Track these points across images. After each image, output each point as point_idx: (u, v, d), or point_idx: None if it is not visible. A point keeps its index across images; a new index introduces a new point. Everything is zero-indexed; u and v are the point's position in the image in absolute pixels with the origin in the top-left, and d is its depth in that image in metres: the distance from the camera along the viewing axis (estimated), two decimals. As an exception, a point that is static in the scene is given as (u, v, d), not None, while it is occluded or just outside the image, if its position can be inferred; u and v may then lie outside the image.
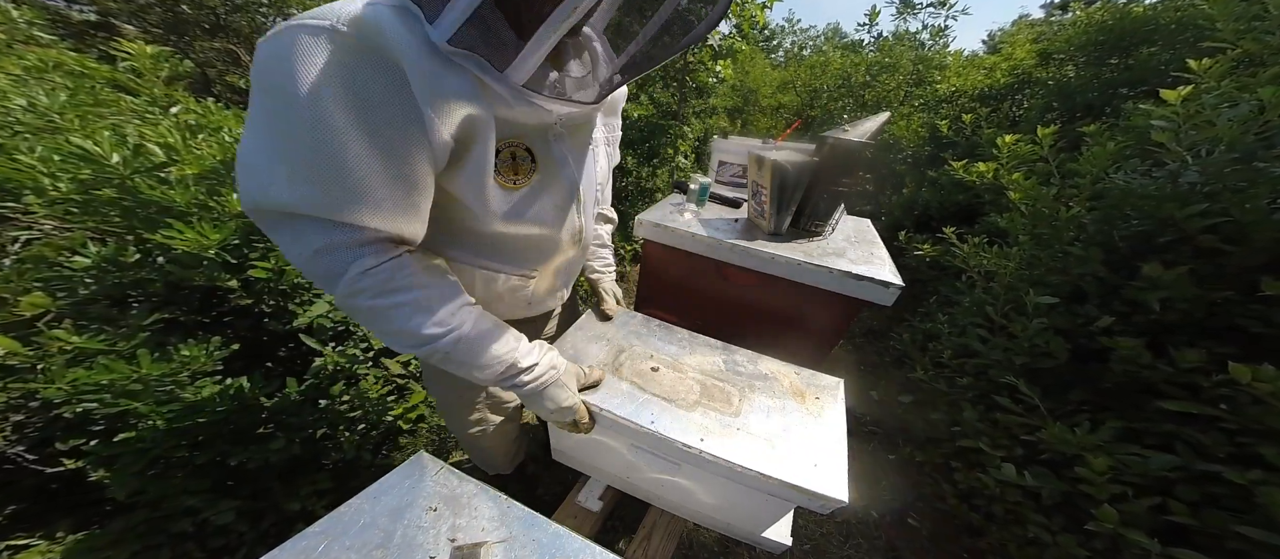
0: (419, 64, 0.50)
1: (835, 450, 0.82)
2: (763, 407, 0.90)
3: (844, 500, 0.73)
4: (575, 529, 0.64)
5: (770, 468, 0.76)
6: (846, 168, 1.25)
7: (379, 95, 0.49)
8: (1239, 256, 1.02)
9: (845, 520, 1.62)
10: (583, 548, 0.61)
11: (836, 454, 0.81)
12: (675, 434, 0.80)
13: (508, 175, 0.68)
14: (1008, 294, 1.52)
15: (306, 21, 0.46)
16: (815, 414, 0.91)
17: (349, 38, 0.46)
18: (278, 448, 1.18)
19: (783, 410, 0.90)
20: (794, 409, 0.91)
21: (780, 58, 9.11)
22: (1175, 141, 1.15)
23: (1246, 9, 1.36)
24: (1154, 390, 1.05)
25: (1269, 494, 0.81)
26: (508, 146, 0.66)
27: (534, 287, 0.89)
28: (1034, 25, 5.76)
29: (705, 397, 0.90)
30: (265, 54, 0.47)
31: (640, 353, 1.01)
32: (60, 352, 1.05)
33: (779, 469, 0.76)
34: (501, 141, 0.65)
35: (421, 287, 0.62)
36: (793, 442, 0.82)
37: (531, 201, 0.72)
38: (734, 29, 3.13)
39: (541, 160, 0.71)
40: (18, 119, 1.33)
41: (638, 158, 3.54)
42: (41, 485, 1.13)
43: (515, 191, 0.70)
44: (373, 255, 0.57)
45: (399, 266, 0.59)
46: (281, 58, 0.46)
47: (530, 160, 0.69)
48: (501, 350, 0.70)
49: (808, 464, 0.78)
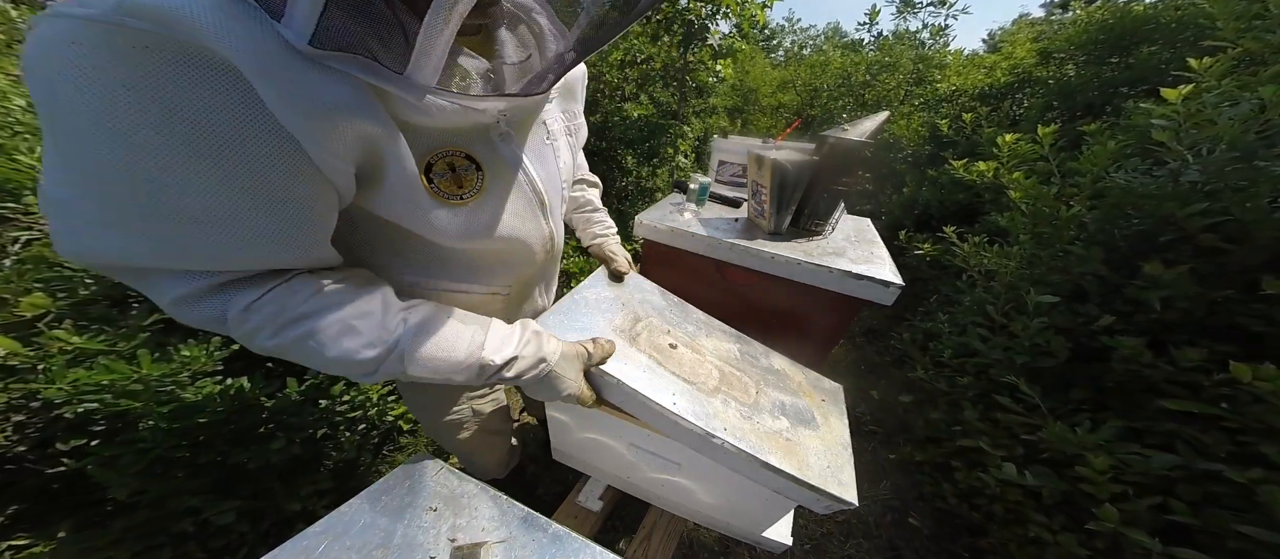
0: (269, 70, 0.36)
1: (843, 453, 0.84)
2: (777, 402, 0.89)
3: (854, 503, 0.74)
4: (575, 529, 0.64)
5: (789, 466, 0.75)
6: (846, 167, 1.25)
7: (207, 111, 0.36)
8: (1240, 255, 1.02)
9: (845, 520, 1.62)
10: (583, 548, 0.61)
11: (845, 457, 0.83)
12: (699, 420, 0.75)
13: (450, 191, 0.56)
14: (1008, 293, 1.52)
15: (79, 11, 0.32)
16: (823, 416, 0.91)
17: (149, 36, 0.33)
18: (278, 448, 1.18)
19: (795, 409, 0.90)
20: (804, 409, 0.91)
21: (780, 57, 9.11)
22: (1176, 140, 1.15)
23: (1247, 8, 1.36)
24: (1155, 389, 1.05)
25: (1270, 493, 0.81)
26: (442, 158, 0.54)
27: (507, 304, 0.81)
28: (1034, 24, 5.75)
29: (724, 384, 0.87)
30: (34, 56, 0.34)
31: (658, 327, 0.95)
32: (61, 352, 1.05)
33: (797, 467, 0.75)
34: (433, 154, 0.53)
35: (333, 306, 0.50)
36: (805, 440, 0.83)
37: (487, 215, 0.62)
38: (734, 28, 3.13)
39: (489, 167, 0.59)
40: (18, 119, 1.33)
41: (638, 158, 3.54)
42: (42, 485, 1.13)
43: (464, 207, 0.58)
44: (250, 289, 0.47)
45: (290, 291, 0.49)
46: (56, 63, 0.33)
47: (475, 169, 0.57)
48: (463, 352, 0.59)
49: (821, 465, 0.78)
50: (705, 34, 2.99)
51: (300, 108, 0.38)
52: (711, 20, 2.96)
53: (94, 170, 0.37)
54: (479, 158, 0.57)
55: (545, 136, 0.70)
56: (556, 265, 0.95)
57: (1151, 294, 1.08)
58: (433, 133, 0.52)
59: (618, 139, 3.46)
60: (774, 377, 0.97)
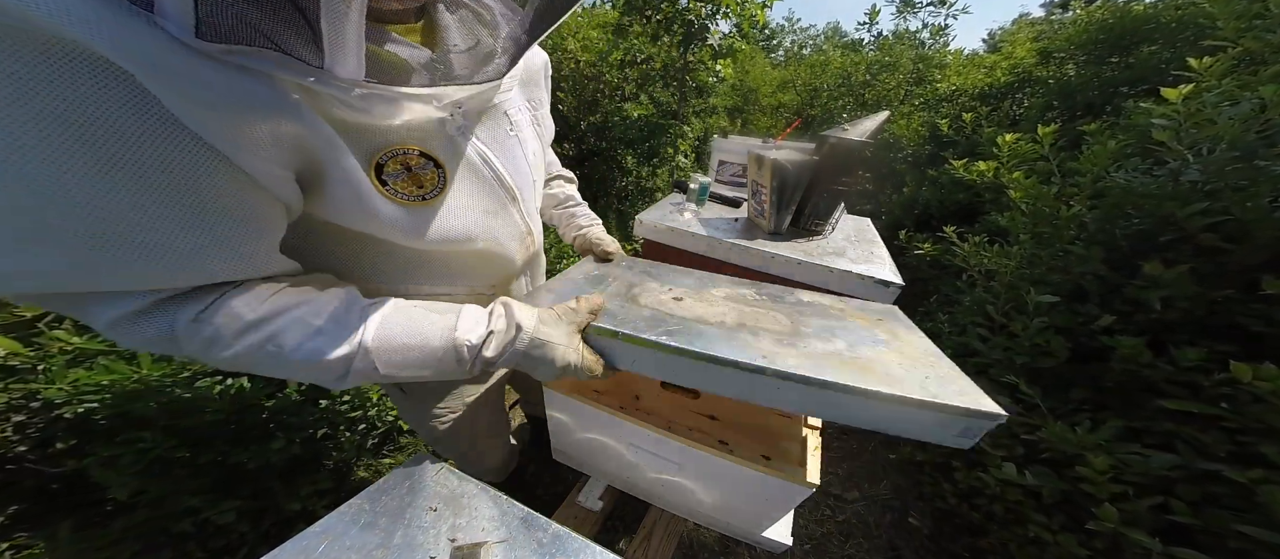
0: (158, 66, 0.31)
1: (941, 362, 0.63)
2: (821, 328, 0.70)
3: (1001, 414, 0.50)
4: (575, 529, 0.64)
5: (876, 383, 0.53)
6: (846, 167, 1.25)
7: (92, 112, 0.31)
8: (1240, 255, 1.02)
9: (845, 520, 1.62)
10: (583, 548, 0.61)
11: (947, 366, 0.62)
12: (739, 355, 0.57)
13: (409, 191, 0.52)
14: (1008, 293, 1.52)
15: None
16: (888, 333, 0.71)
17: (18, 32, 0.28)
18: (278, 448, 1.18)
19: (847, 330, 0.70)
20: (859, 329, 0.71)
21: (780, 57, 9.10)
22: (1176, 140, 1.15)
23: (1247, 7, 1.36)
24: (1155, 389, 1.05)
25: (1270, 493, 0.81)
26: (393, 157, 0.49)
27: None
28: (1034, 24, 5.75)
29: (750, 320, 0.70)
30: None
31: (654, 288, 0.81)
32: (61, 352, 1.05)
33: (886, 384, 0.53)
34: (381, 153, 0.49)
35: (293, 306, 0.47)
36: (880, 357, 0.61)
37: (455, 214, 0.58)
38: (734, 28, 3.13)
39: (449, 163, 0.55)
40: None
41: (638, 158, 3.55)
42: (42, 485, 1.13)
43: (427, 207, 0.54)
44: (195, 300, 0.43)
45: (243, 295, 0.45)
46: None
47: (433, 166, 0.53)
48: (437, 339, 0.54)
49: (918, 377, 0.56)
50: (705, 34, 2.99)
51: (202, 107, 0.34)
52: (711, 20, 2.96)
53: None
54: (435, 154, 0.53)
55: (508, 128, 0.65)
56: (540, 263, 0.92)
57: (1151, 294, 1.08)
58: (378, 131, 0.48)
59: (618, 139, 3.47)
60: (808, 307, 0.80)
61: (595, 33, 3.84)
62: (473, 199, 0.60)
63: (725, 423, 0.88)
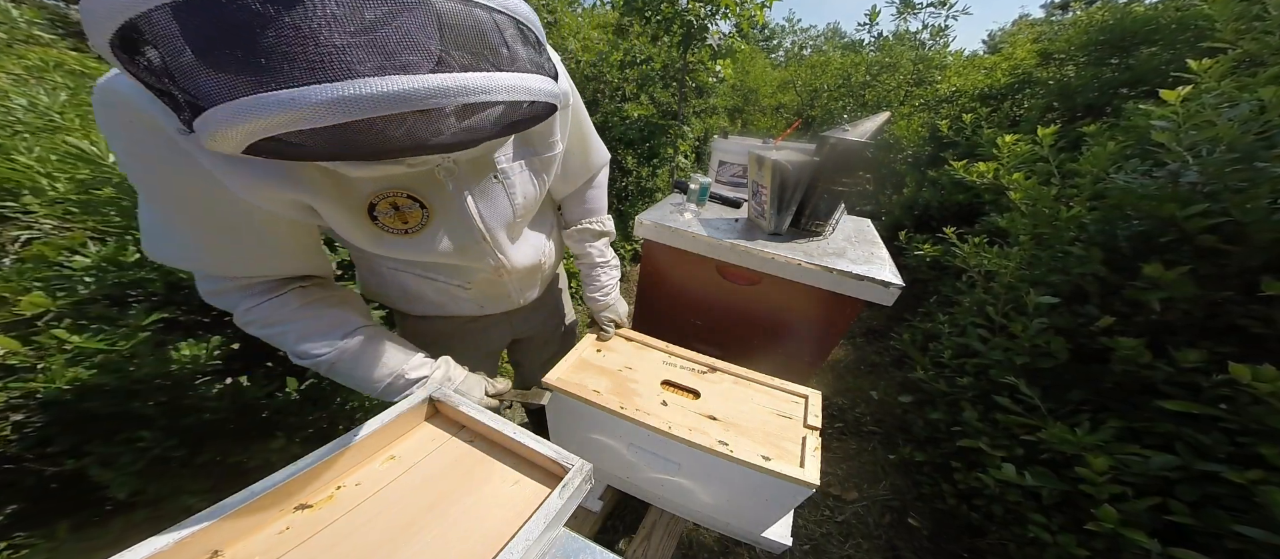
0: (183, 137, 0.44)
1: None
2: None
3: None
4: (575, 529, 0.64)
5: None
6: (847, 167, 1.25)
7: (166, 163, 0.48)
8: (1239, 256, 1.02)
9: (845, 520, 1.62)
10: (583, 548, 0.61)
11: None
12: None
13: (395, 226, 0.64)
14: (1008, 294, 1.53)
15: (100, 83, 0.45)
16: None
17: (119, 102, 0.45)
18: (278, 448, 1.18)
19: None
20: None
21: (780, 57, 9.11)
22: (1175, 141, 1.15)
23: (1246, 9, 1.36)
24: (1154, 390, 1.05)
25: (1269, 494, 0.81)
26: (384, 197, 0.61)
27: (473, 296, 0.88)
28: (1034, 25, 5.76)
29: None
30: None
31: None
32: (60, 351, 1.05)
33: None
34: (375, 195, 0.60)
35: (301, 319, 0.67)
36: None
37: (432, 243, 0.69)
38: (734, 28, 3.13)
39: (433, 203, 0.65)
40: (18, 119, 1.33)
41: (638, 158, 3.55)
42: (42, 485, 1.13)
43: (409, 239, 0.67)
44: (252, 297, 0.64)
45: (282, 304, 0.65)
46: (99, 121, 0.47)
47: (418, 206, 0.64)
48: (392, 363, 0.71)
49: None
50: (705, 34, 2.99)
51: (220, 171, 0.48)
52: (711, 20, 2.96)
53: (142, 194, 0.54)
54: (421, 197, 0.64)
55: (493, 175, 0.71)
56: (534, 276, 0.94)
57: (1151, 295, 1.08)
58: (372, 178, 0.59)
59: (618, 139, 3.46)
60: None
61: (595, 33, 3.84)
62: (450, 236, 0.71)
63: (725, 423, 0.88)
